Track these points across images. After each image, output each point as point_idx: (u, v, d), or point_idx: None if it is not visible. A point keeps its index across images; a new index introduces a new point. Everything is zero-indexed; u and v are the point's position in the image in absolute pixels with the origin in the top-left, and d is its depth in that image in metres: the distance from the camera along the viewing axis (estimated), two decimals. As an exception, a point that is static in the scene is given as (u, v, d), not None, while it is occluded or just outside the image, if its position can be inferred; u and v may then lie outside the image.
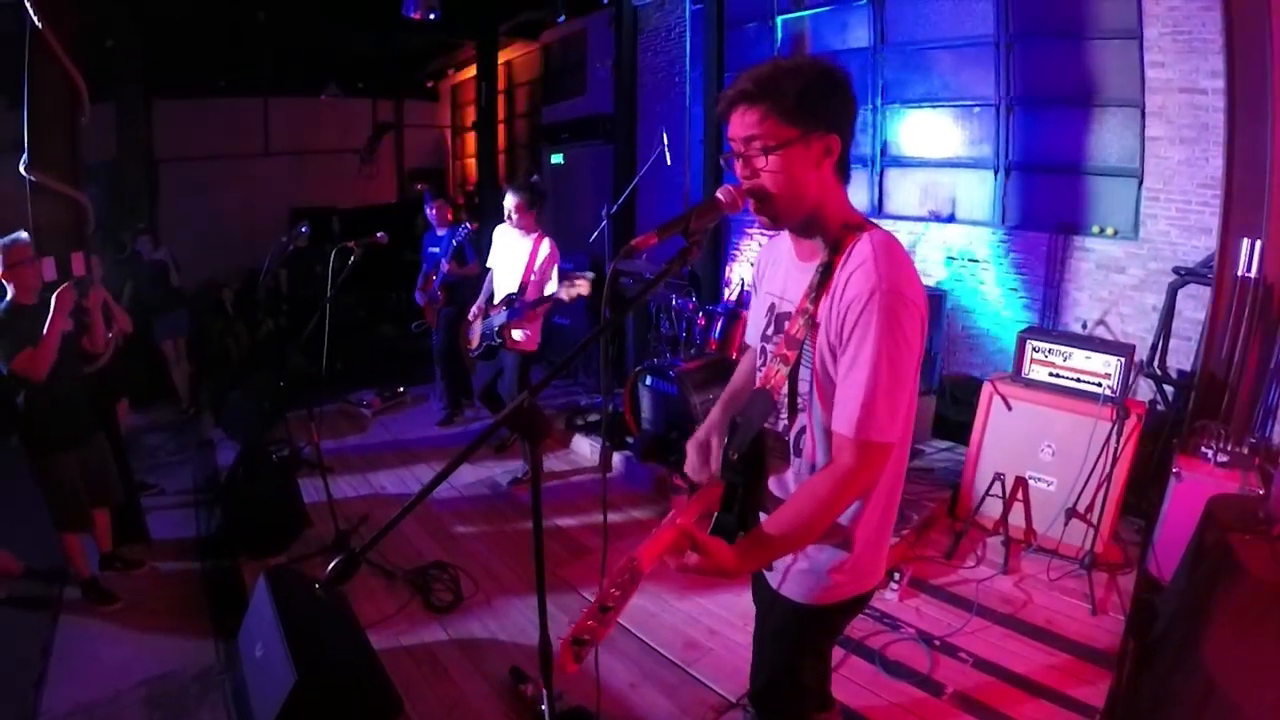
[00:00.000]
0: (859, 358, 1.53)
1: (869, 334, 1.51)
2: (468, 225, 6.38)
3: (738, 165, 1.62)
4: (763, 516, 1.70)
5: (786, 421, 1.80)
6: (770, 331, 1.85)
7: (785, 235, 1.82)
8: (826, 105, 1.58)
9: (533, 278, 5.06)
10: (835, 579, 1.80)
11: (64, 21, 4.18)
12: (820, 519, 1.58)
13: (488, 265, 5.46)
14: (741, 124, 1.58)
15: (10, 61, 4.24)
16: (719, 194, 1.63)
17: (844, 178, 1.69)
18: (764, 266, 1.99)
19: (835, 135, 1.59)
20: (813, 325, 1.64)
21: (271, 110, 12.61)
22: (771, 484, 1.81)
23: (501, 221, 5.24)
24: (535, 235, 5.14)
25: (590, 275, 4.65)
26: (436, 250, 6.69)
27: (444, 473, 1.44)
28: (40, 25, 4.05)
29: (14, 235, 3.86)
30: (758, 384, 1.76)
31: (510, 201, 5.11)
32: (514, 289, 5.11)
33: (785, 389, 1.73)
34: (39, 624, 4.01)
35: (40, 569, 4.47)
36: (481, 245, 6.03)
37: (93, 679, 3.55)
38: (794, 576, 1.86)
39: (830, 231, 1.67)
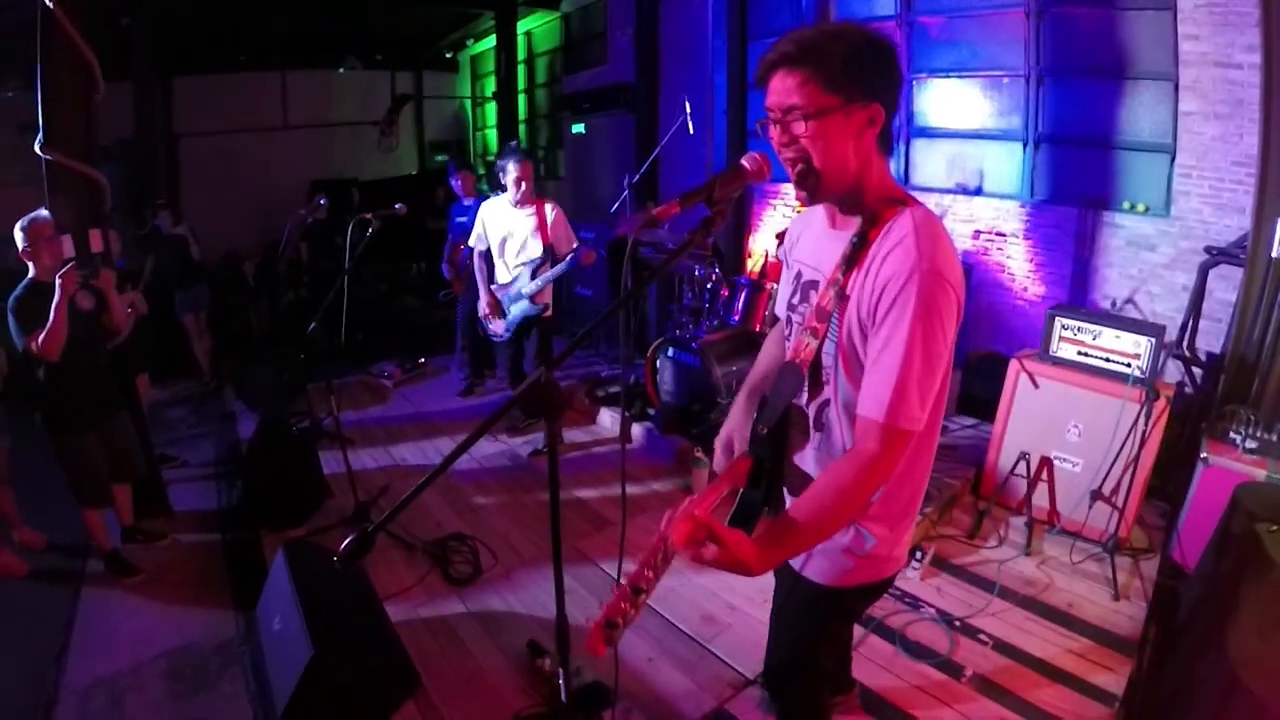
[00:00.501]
0: (893, 340, 1.46)
1: (905, 315, 1.44)
2: (489, 197, 6.37)
3: (774, 132, 1.56)
4: (786, 493, 1.66)
5: (809, 396, 1.75)
6: (796, 300, 1.80)
7: (820, 205, 1.74)
8: (872, 73, 1.51)
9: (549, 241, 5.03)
10: (856, 563, 1.76)
11: (77, 2, 4.16)
12: (844, 509, 1.51)
13: (477, 247, 5.37)
14: (782, 89, 1.51)
15: (26, 48, 4.22)
16: (744, 161, 1.58)
17: (887, 150, 1.62)
18: (796, 234, 1.93)
19: (879, 105, 1.52)
20: (842, 297, 1.58)
21: (289, 83, 12.65)
22: (795, 459, 1.76)
23: None
24: (535, 203, 5.08)
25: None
26: (464, 220, 6.65)
27: (460, 448, 1.41)
28: (51, 5, 4.03)
29: (35, 213, 3.89)
30: (787, 356, 1.72)
31: (518, 170, 4.99)
32: (536, 257, 5.06)
33: (812, 363, 1.68)
34: (62, 597, 4.06)
35: (63, 543, 4.55)
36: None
37: (114, 651, 3.60)
38: (816, 557, 1.82)
39: (868, 204, 1.60)
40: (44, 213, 3.94)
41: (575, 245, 5.02)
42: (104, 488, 4.21)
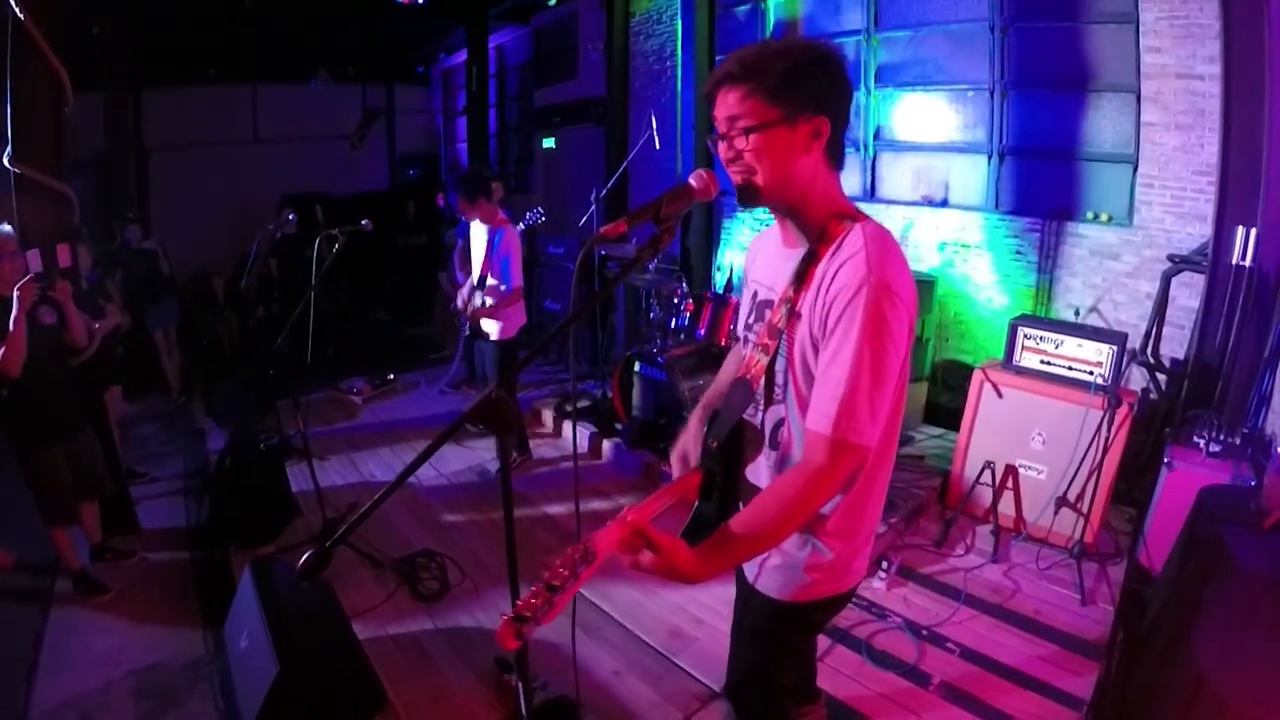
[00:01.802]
0: (841, 353, 1.46)
1: (853, 328, 1.44)
2: None
3: (721, 147, 1.58)
4: (742, 506, 1.67)
5: (763, 411, 1.75)
6: (752, 320, 1.80)
7: (776, 224, 1.75)
8: (815, 86, 1.52)
9: (490, 269, 5.08)
10: (813, 576, 1.74)
11: (47, 13, 4.14)
12: (787, 520, 1.50)
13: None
14: (725, 104, 1.54)
15: None
16: (691, 179, 1.58)
17: (836, 163, 1.63)
18: (754, 255, 1.93)
19: (824, 117, 1.53)
20: (793, 314, 1.59)
21: (260, 97, 12.59)
22: (749, 473, 1.76)
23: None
24: (491, 226, 5.12)
25: None
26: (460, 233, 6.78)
27: (413, 465, 1.40)
28: (23, 17, 4.00)
29: (2, 227, 3.84)
30: (739, 372, 1.73)
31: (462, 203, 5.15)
32: (474, 281, 5.17)
33: (764, 379, 1.68)
34: (31, 616, 4.01)
35: (31, 562, 4.49)
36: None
37: (84, 670, 3.56)
38: (769, 572, 1.81)
39: (817, 219, 1.61)
40: (6, 228, 3.90)
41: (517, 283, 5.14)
42: (69, 507, 4.15)
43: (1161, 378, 5.14)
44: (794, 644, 1.93)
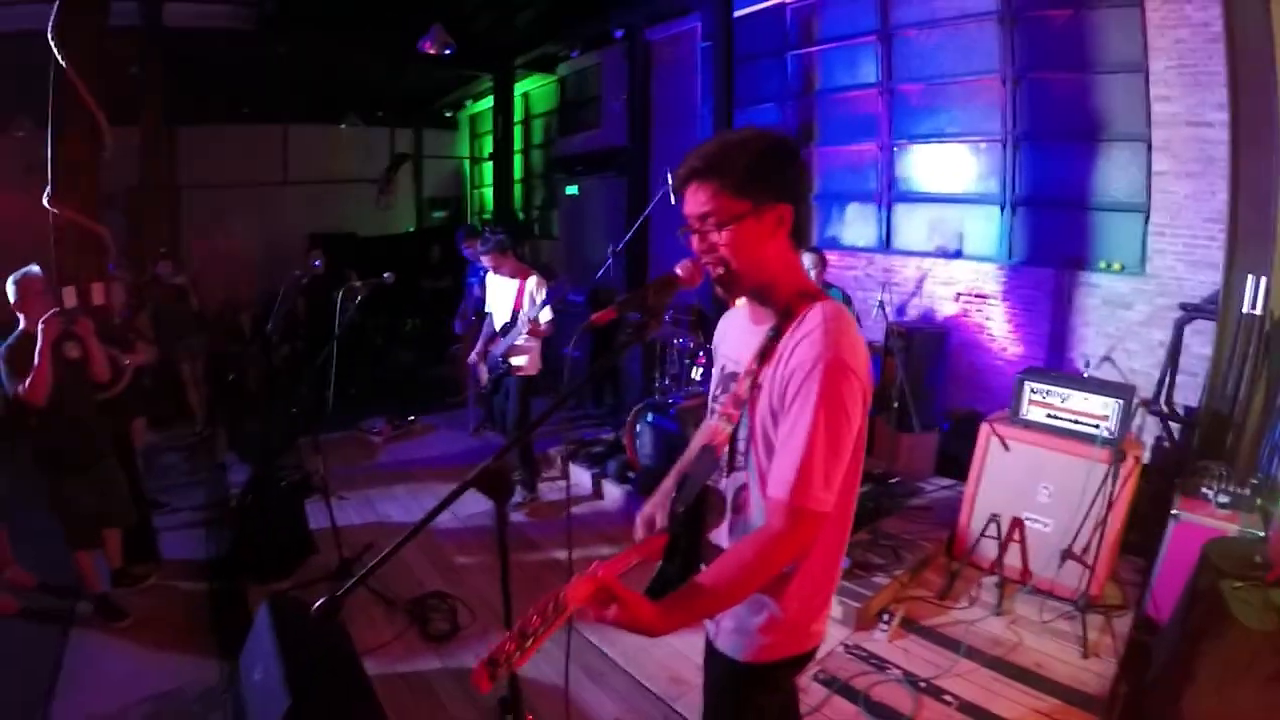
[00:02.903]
0: (798, 425, 1.54)
1: (809, 402, 1.52)
2: None
3: (695, 241, 1.67)
4: (704, 568, 1.74)
5: (727, 478, 1.83)
6: (719, 392, 1.88)
7: (745, 302, 1.84)
8: (777, 176, 1.62)
9: (524, 308, 5.35)
10: (769, 638, 1.79)
11: (88, 58, 4.36)
12: (746, 582, 1.56)
13: (486, 310, 5.76)
14: (695, 201, 1.63)
15: (37, 88, 4.41)
16: (678, 269, 1.69)
17: (798, 244, 1.72)
18: (723, 331, 2.02)
19: (787, 205, 1.63)
20: (755, 386, 1.67)
21: (291, 138, 12.93)
22: (713, 536, 1.84)
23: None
24: (521, 275, 5.46)
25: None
26: (474, 282, 7.05)
27: (419, 526, 1.49)
28: (64, 63, 4.20)
29: (26, 269, 4.05)
30: (706, 441, 1.81)
31: (489, 261, 5.52)
32: (508, 321, 5.45)
33: (728, 446, 1.76)
34: (51, 637, 4.11)
35: (53, 583, 4.60)
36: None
37: (100, 693, 3.64)
38: (724, 634, 1.87)
39: (783, 297, 1.69)
40: (35, 269, 4.09)
41: (545, 319, 5.32)
42: (92, 531, 4.29)
43: (1175, 426, 5.13)
44: (760, 703, 1.95)
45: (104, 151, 4.55)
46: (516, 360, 5.46)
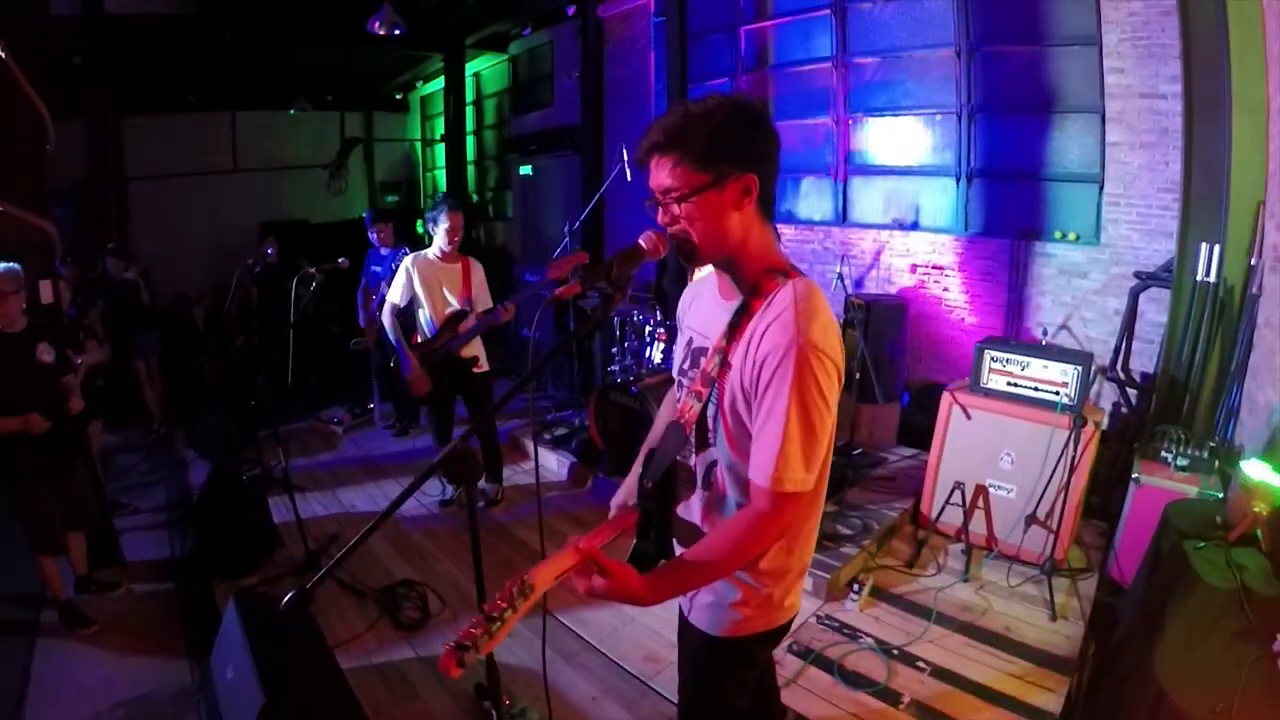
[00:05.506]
0: (774, 410, 1.54)
1: (784, 387, 1.52)
2: (407, 250, 5.83)
3: (658, 212, 1.65)
4: (675, 542, 1.74)
5: (696, 454, 1.83)
6: (687, 366, 1.87)
7: (711, 272, 1.83)
8: (740, 145, 1.59)
9: (475, 293, 4.92)
10: (744, 613, 1.81)
11: (29, 52, 4.18)
12: (732, 558, 1.60)
13: (393, 300, 4.94)
14: (657, 174, 1.61)
15: None
16: (641, 240, 1.68)
17: (768, 215, 1.70)
18: (689, 300, 2.00)
19: (753, 174, 1.60)
20: (725, 364, 1.66)
21: (240, 124, 12.63)
22: (680, 510, 1.85)
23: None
24: (461, 259, 4.94)
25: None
26: (379, 270, 6.79)
27: (383, 516, 1.49)
28: (3, 54, 4.04)
29: (4, 266, 3.89)
30: (673, 417, 1.80)
31: (448, 220, 4.78)
32: (455, 310, 4.92)
33: (696, 425, 1.76)
34: (17, 648, 4.01)
35: (17, 593, 4.48)
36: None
37: (71, 702, 3.56)
38: (699, 609, 1.89)
39: (751, 272, 1.68)
40: (15, 266, 3.94)
41: (493, 305, 4.90)
42: (57, 537, 4.17)
43: (1132, 393, 5.23)
44: (736, 675, 1.97)
45: (47, 145, 4.39)
46: (471, 354, 4.96)
